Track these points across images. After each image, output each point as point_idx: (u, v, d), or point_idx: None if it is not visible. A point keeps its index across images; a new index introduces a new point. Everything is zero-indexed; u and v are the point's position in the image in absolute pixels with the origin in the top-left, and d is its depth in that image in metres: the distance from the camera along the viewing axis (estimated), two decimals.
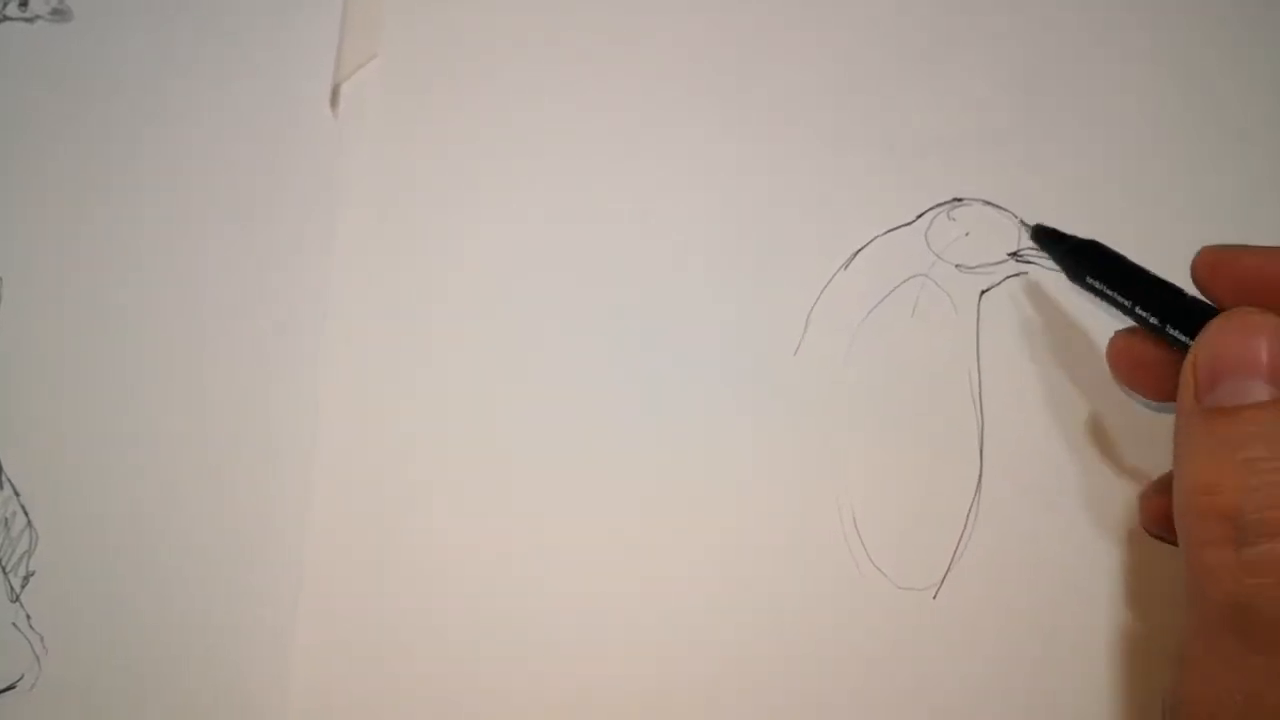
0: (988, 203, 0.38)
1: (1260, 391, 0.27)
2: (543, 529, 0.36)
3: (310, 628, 0.36)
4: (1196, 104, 0.39)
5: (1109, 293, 0.32)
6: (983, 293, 0.37)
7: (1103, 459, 0.36)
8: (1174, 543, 0.33)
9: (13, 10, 0.40)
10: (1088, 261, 0.33)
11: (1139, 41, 0.39)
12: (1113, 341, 0.33)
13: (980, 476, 0.36)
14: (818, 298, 0.38)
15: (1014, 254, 0.37)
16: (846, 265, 0.38)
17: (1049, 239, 0.34)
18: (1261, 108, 0.39)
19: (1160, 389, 0.32)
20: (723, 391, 0.37)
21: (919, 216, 0.38)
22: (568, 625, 0.36)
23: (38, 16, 0.40)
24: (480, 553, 0.36)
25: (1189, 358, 0.28)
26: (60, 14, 0.40)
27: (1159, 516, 0.33)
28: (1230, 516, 0.26)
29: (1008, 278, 0.37)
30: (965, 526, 0.36)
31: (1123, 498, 0.36)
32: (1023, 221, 0.37)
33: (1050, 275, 0.37)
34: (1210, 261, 0.31)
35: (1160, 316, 0.31)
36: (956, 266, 0.38)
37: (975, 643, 0.35)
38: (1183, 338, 0.30)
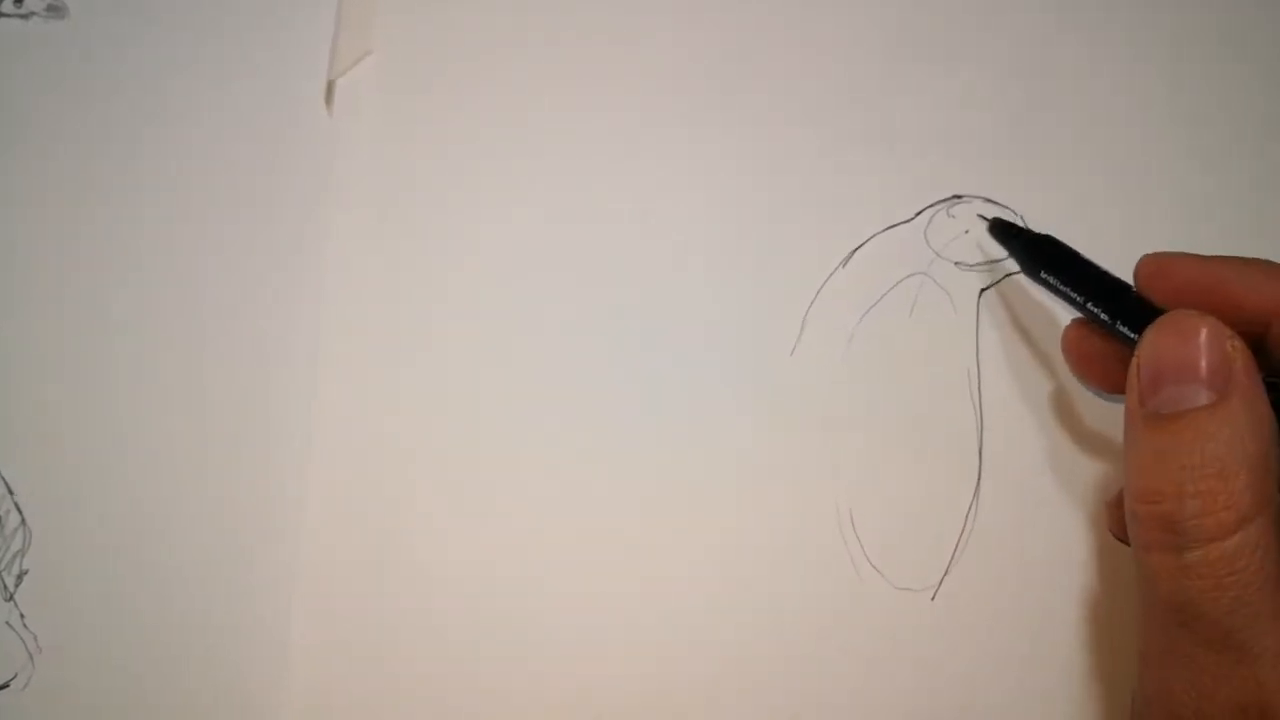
0: (988, 200, 0.38)
1: (1199, 396, 0.27)
2: (540, 528, 0.36)
3: (307, 626, 0.36)
4: (1195, 102, 0.38)
5: (1062, 288, 0.32)
6: (982, 291, 0.37)
7: (1102, 459, 0.36)
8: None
9: (8, 7, 0.40)
10: (1043, 256, 0.33)
11: (1138, 39, 0.39)
12: (1066, 332, 0.34)
13: (979, 476, 0.36)
14: (815, 297, 0.37)
15: None
16: (845, 263, 0.38)
17: (1006, 233, 0.35)
18: (1259, 106, 0.38)
19: (1111, 381, 0.33)
20: (720, 391, 0.37)
21: (918, 214, 0.38)
22: (566, 624, 0.36)
23: (33, 13, 0.40)
24: (478, 552, 0.36)
25: (1134, 360, 0.29)
26: (55, 10, 0.40)
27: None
28: (1170, 523, 0.27)
29: (1007, 275, 0.37)
30: (964, 527, 0.35)
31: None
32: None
33: None
34: (1150, 270, 0.31)
35: (1110, 313, 0.31)
36: (956, 264, 0.37)
37: (973, 643, 0.35)
38: (1131, 335, 0.30)
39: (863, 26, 0.40)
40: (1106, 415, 0.36)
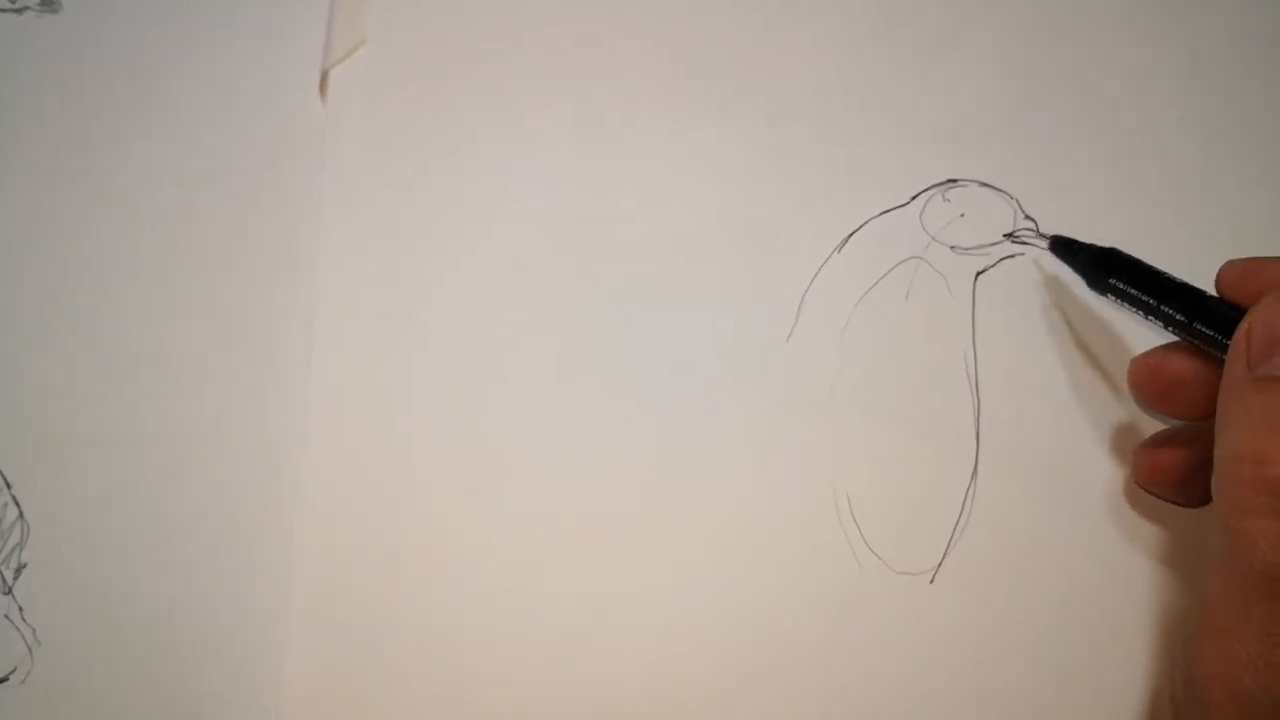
0: (983, 184, 0.38)
1: None
2: (537, 518, 0.36)
3: (304, 618, 0.36)
4: (1192, 85, 0.38)
5: (1134, 293, 0.32)
6: (978, 274, 0.37)
7: (1100, 441, 0.36)
8: (1165, 498, 0.33)
9: (2, 2, 0.40)
10: (1108, 268, 0.33)
11: (1134, 26, 0.39)
12: (1134, 367, 0.33)
13: (977, 459, 0.36)
14: (810, 282, 0.37)
15: (1010, 235, 0.37)
16: (840, 248, 0.38)
17: (1067, 249, 0.34)
18: (1255, 96, 0.38)
19: (1192, 406, 0.32)
20: (716, 378, 0.37)
21: (913, 198, 0.38)
22: (563, 614, 0.35)
23: (26, 8, 0.40)
24: (474, 545, 0.36)
25: (1242, 327, 0.28)
26: (49, 4, 0.40)
27: (1155, 471, 0.33)
28: (1277, 487, 0.26)
29: (1003, 259, 0.37)
30: (962, 510, 0.35)
31: (1120, 479, 0.36)
32: (1027, 215, 0.37)
33: (1047, 256, 0.37)
34: (1235, 274, 0.30)
35: (1188, 315, 0.30)
36: (951, 248, 0.37)
37: (972, 626, 0.35)
38: (1212, 335, 0.30)
39: (858, 12, 0.40)
40: (1104, 397, 0.36)
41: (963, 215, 0.37)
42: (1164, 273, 0.32)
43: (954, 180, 0.38)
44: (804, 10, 0.40)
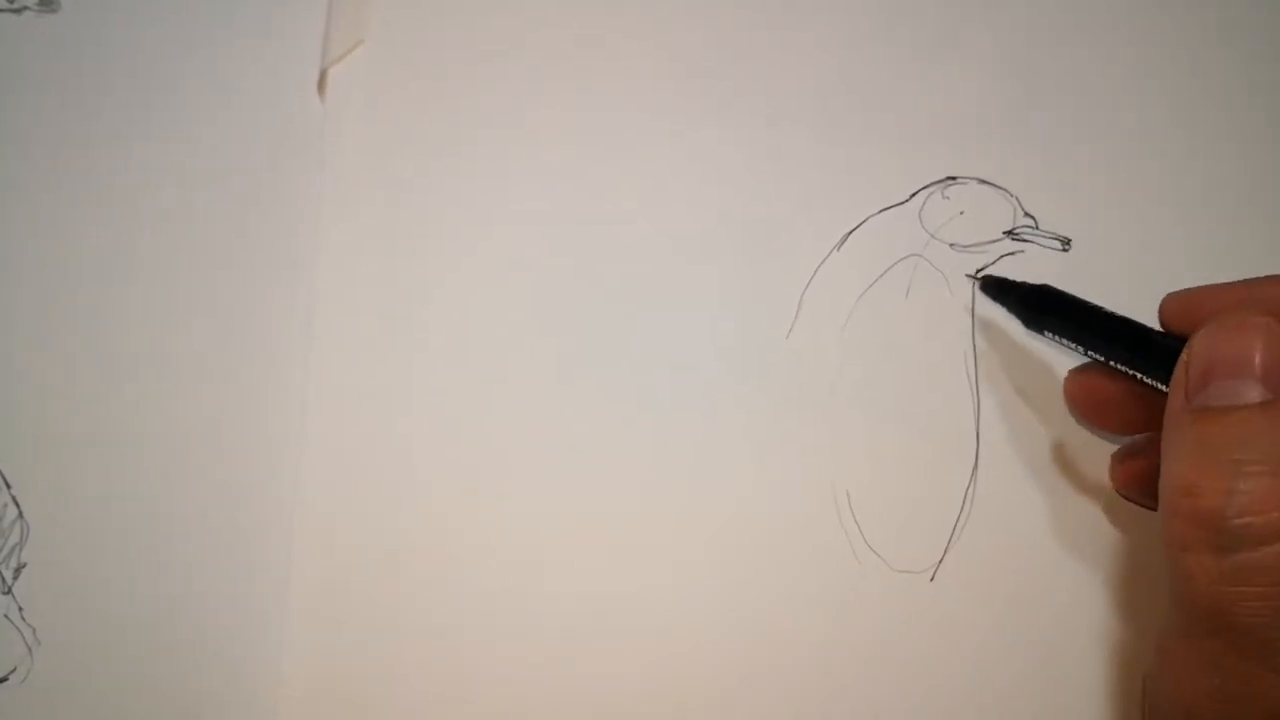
0: (982, 181, 0.38)
1: (1252, 393, 0.26)
2: (537, 516, 0.36)
3: (303, 618, 0.36)
4: (1192, 84, 0.38)
5: (1073, 331, 0.32)
6: (978, 271, 0.37)
7: (1099, 440, 0.36)
8: (1143, 505, 0.33)
9: (0, 1, 0.40)
10: (1041, 307, 0.33)
11: (1134, 26, 0.39)
12: (1066, 384, 0.33)
13: (977, 457, 0.36)
14: (810, 280, 0.37)
15: (1009, 232, 0.37)
16: (839, 246, 0.38)
17: (999, 289, 0.34)
18: (1256, 95, 0.38)
19: (1126, 422, 0.32)
20: (715, 376, 0.37)
21: (912, 196, 0.38)
22: (563, 613, 0.35)
23: (25, 7, 0.40)
24: (473, 544, 0.36)
25: (1182, 357, 0.28)
26: (47, 4, 0.40)
27: (1128, 479, 0.33)
28: (1211, 521, 0.25)
29: (1003, 256, 0.37)
30: (962, 507, 0.35)
31: None
32: (1026, 212, 0.37)
33: (1047, 254, 0.37)
34: (1177, 306, 0.30)
35: (1128, 350, 0.30)
36: (951, 246, 0.37)
37: (972, 625, 0.35)
38: (1154, 369, 0.30)
39: (858, 11, 0.40)
40: None
41: (962, 213, 0.37)
42: (1101, 308, 0.32)
43: (953, 178, 0.38)
44: (804, 9, 0.40)
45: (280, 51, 0.40)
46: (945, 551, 0.35)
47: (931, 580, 0.35)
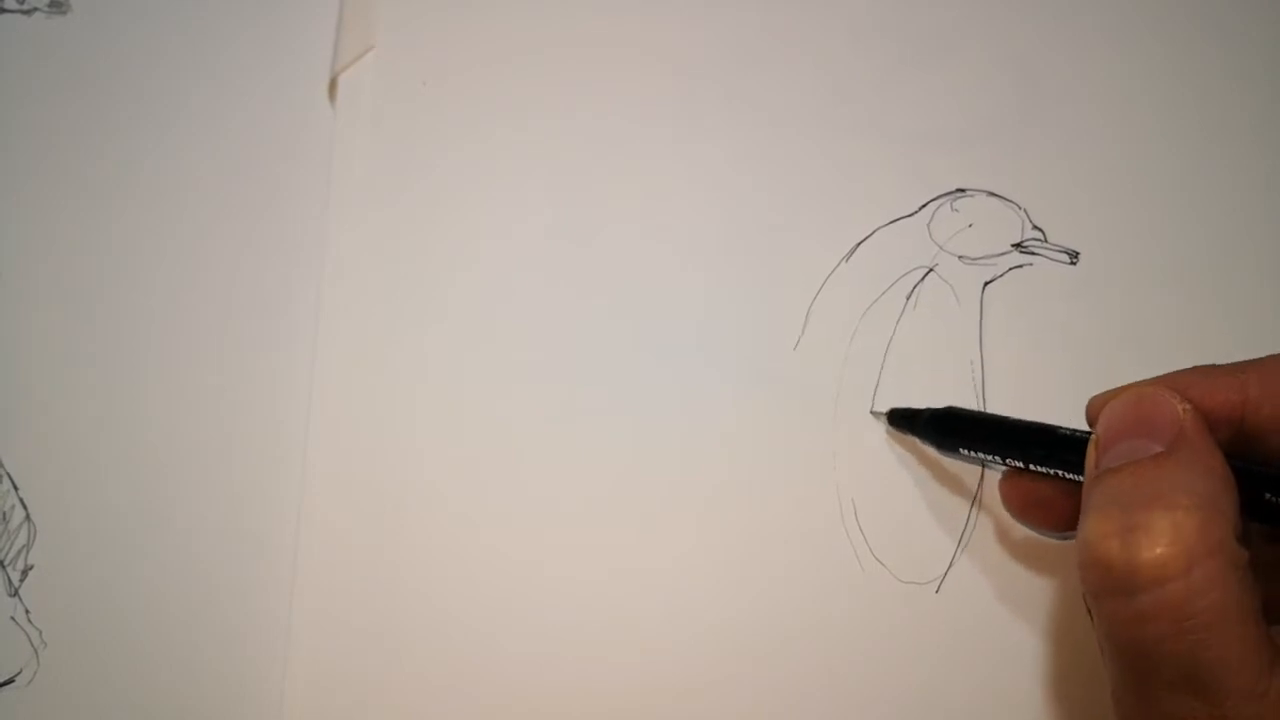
0: (991, 193, 0.38)
1: (1149, 449, 0.27)
2: (542, 521, 0.36)
3: (309, 619, 0.36)
4: (1196, 95, 0.38)
5: (980, 455, 0.33)
6: (986, 284, 0.37)
7: None
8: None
9: (10, 3, 0.40)
10: (948, 429, 0.33)
11: (1140, 33, 0.39)
12: (1000, 486, 0.34)
13: (983, 469, 0.36)
14: (818, 291, 0.37)
15: (1018, 245, 0.37)
16: (848, 258, 0.38)
17: (905, 420, 0.35)
18: (1261, 101, 0.38)
19: (1060, 520, 0.33)
20: (724, 386, 0.37)
21: (921, 208, 0.38)
22: (567, 616, 0.36)
23: (35, 9, 0.40)
24: (479, 544, 0.36)
25: (1091, 440, 0.29)
26: (58, 6, 0.40)
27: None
28: (1116, 564, 0.26)
29: (1011, 269, 0.37)
30: (968, 519, 0.35)
31: None
32: (1035, 225, 0.37)
33: (1055, 267, 0.37)
34: (1100, 402, 0.30)
35: (1043, 451, 0.31)
36: (960, 258, 0.37)
37: (978, 635, 0.35)
38: (1068, 469, 0.30)
39: (864, 20, 0.40)
40: None
41: (971, 225, 0.37)
42: (1006, 418, 0.32)
43: (962, 190, 0.38)
44: (812, 18, 0.40)
45: (291, 57, 0.40)
46: (951, 563, 0.35)
47: (937, 592, 0.35)
